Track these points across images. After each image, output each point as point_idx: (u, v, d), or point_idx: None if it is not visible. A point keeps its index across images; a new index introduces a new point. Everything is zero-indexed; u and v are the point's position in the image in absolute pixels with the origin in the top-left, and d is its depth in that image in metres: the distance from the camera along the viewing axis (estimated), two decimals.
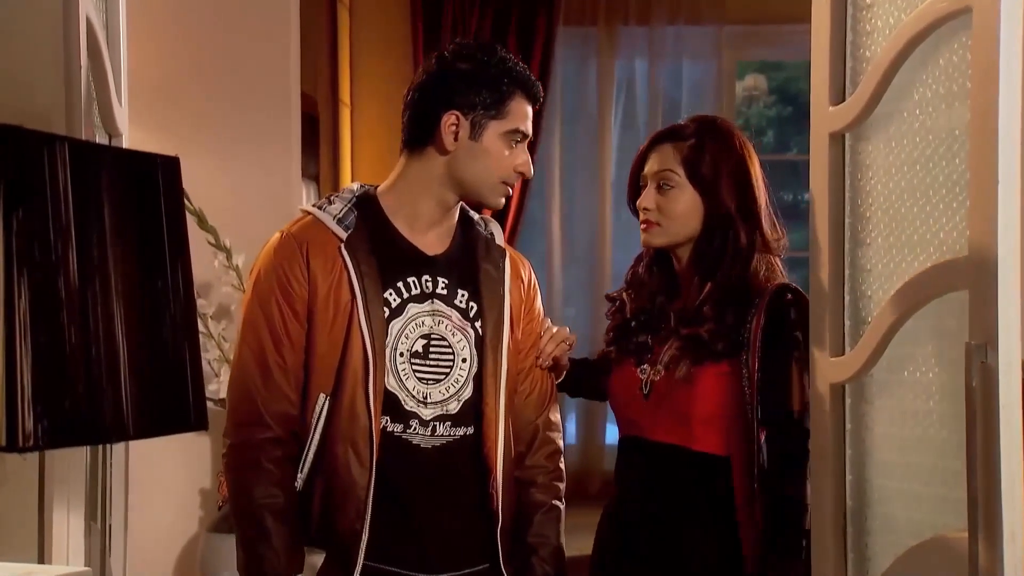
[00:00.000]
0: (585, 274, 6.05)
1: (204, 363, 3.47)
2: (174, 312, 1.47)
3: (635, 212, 2.47)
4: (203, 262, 3.45)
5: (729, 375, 2.31)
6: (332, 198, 2.32)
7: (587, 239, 6.00)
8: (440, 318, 2.28)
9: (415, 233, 2.31)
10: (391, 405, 2.23)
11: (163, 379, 1.44)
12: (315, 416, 2.21)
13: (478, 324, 2.32)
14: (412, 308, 2.27)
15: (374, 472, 2.20)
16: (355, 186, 2.35)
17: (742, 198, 2.36)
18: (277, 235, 2.28)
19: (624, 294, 2.51)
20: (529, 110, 2.30)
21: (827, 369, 2.11)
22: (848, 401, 2.10)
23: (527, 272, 2.45)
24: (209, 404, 3.51)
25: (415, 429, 2.25)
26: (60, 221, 1.32)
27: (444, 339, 2.28)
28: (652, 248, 2.46)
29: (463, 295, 2.32)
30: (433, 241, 2.33)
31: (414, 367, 2.25)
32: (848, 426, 2.10)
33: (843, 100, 2.09)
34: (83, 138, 1.86)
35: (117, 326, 1.37)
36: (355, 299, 2.21)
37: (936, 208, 1.89)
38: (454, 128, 2.25)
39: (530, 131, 2.31)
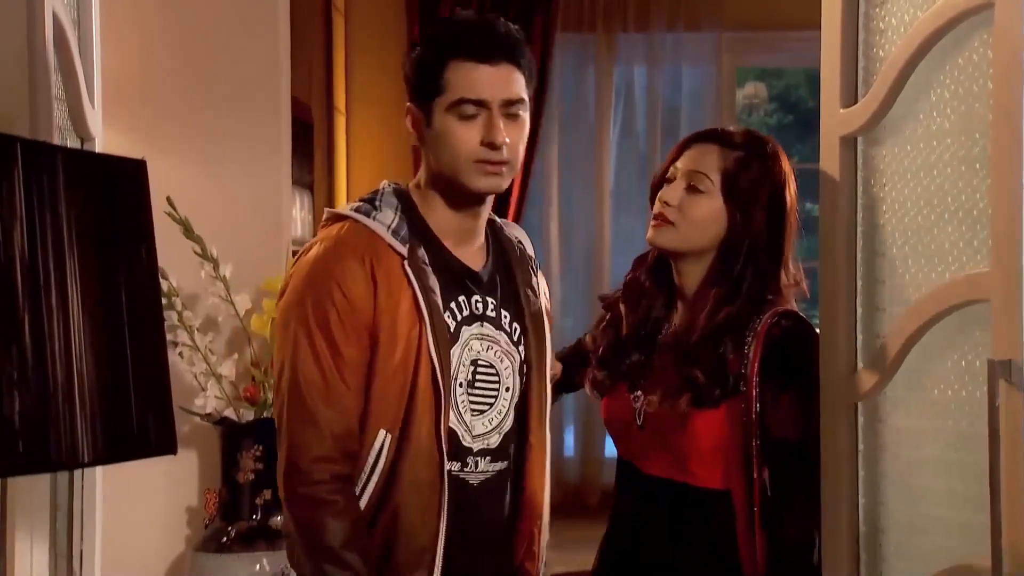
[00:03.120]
0: (584, 283, 5.98)
1: (190, 377, 3.38)
2: (139, 326, 1.36)
3: (652, 203, 2.30)
4: (189, 273, 3.35)
5: (726, 409, 2.18)
6: (377, 203, 2.05)
7: (585, 248, 5.93)
8: (488, 343, 2.09)
9: (454, 244, 2.10)
10: (452, 443, 2.04)
11: (125, 400, 1.34)
12: (373, 454, 1.99)
13: (521, 348, 2.14)
14: (465, 332, 2.07)
15: (444, 521, 2.00)
16: (388, 186, 2.10)
17: (772, 232, 2.22)
18: (330, 243, 2.00)
19: (621, 304, 2.37)
20: (480, 71, 1.97)
21: (839, 387, 2.01)
22: (861, 420, 2.01)
23: (544, 285, 2.31)
24: (196, 419, 3.43)
25: (469, 466, 2.07)
26: (12, 228, 1.21)
27: (492, 366, 2.09)
28: (653, 247, 2.30)
29: (506, 316, 2.13)
30: (474, 253, 2.12)
31: (469, 398, 2.07)
32: (861, 447, 2.01)
33: (855, 102, 2.00)
34: (51, 141, 1.76)
35: (75, 342, 1.27)
36: (423, 324, 1.98)
37: (955, 216, 1.80)
38: (412, 122, 2.06)
39: (487, 94, 1.97)
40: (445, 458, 2.01)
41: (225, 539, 3.30)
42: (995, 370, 1.64)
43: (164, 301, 3.36)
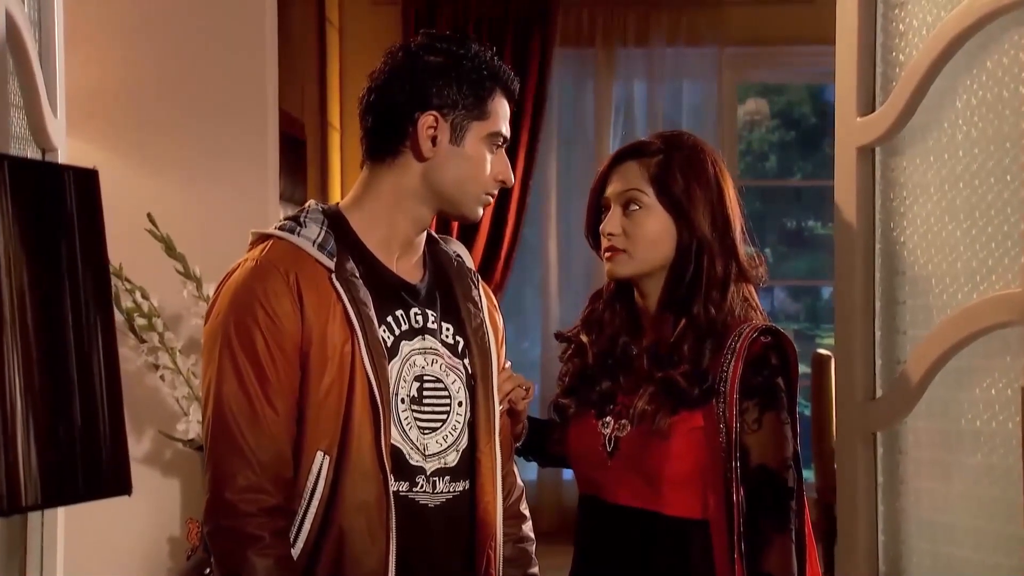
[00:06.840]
0: (583, 301, 5.87)
1: (172, 401, 3.27)
2: (88, 353, 1.23)
3: (593, 243, 2.26)
4: (172, 292, 3.27)
5: (703, 430, 2.09)
6: (302, 220, 2.04)
7: (584, 265, 5.86)
8: (432, 356, 2.05)
9: (391, 259, 2.06)
10: (396, 461, 1.98)
11: (72, 436, 1.20)
12: (312, 478, 1.93)
13: (466, 361, 2.10)
14: (405, 346, 2.03)
15: (394, 542, 1.94)
16: (314, 204, 2.09)
17: (717, 220, 2.17)
18: (251, 263, 1.99)
19: (581, 336, 2.29)
20: (508, 110, 2.08)
21: (856, 415, 1.90)
22: (880, 451, 1.92)
23: (494, 299, 2.24)
24: (178, 445, 3.32)
25: (421, 487, 2.01)
26: None
27: (439, 380, 2.05)
28: (615, 280, 2.24)
29: (448, 329, 2.09)
30: (411, 268, 2.09)
31: (414, 415, 2.01)
32: (880, 480, 1.90)
33: (873, 110, 1.93)
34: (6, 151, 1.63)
35: (13, 372, 1.14)
36: (355, 339, 1.95)
37: (983, 232, 1.72)
38: (432, 131, 1.99)
39: (509, 134, 2.10)
40: (389, 476, 1.95)
41: (208, 570, 3.20)
42: None
43: (144, 322, 3.27)
